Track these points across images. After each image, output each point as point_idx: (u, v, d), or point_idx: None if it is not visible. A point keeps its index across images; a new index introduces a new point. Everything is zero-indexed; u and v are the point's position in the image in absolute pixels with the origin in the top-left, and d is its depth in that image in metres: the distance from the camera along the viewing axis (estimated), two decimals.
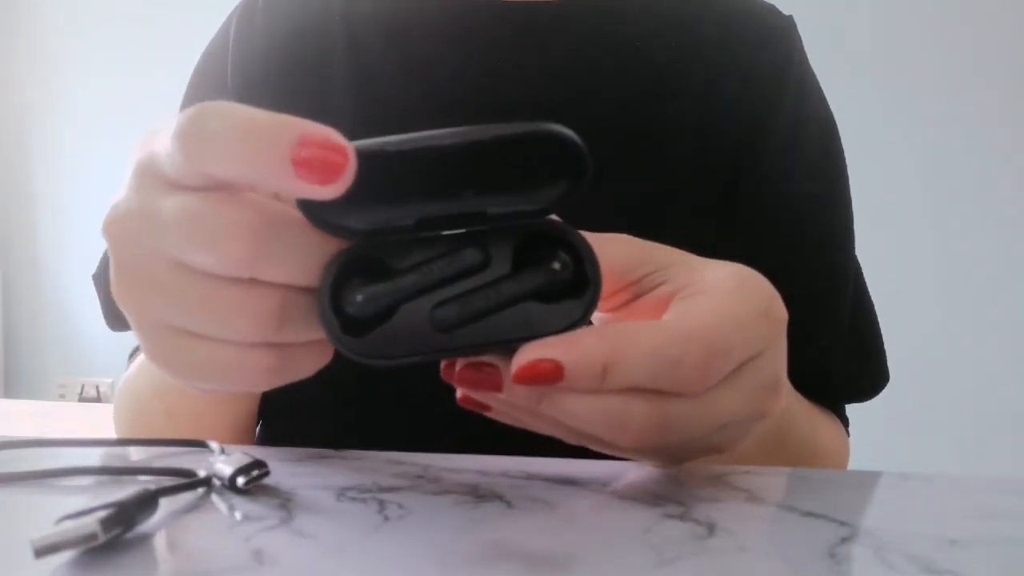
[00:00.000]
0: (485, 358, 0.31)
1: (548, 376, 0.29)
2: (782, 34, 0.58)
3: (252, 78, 0.57)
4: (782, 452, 0.48)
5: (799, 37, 0.59)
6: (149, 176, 0.29)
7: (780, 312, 0.33)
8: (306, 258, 0.28)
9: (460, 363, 0.31)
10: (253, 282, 0.28)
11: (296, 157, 0.25)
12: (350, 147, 0.26)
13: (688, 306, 0.31)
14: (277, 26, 0.58)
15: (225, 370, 0.30)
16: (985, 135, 1.93)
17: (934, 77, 1.94)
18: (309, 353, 0.31)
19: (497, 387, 0.30)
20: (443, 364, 0.32)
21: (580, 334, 0.30)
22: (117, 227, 0.30)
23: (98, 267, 0.62)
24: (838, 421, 0.58)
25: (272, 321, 0.28)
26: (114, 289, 0.30)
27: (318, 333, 0.30)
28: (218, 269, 0.28)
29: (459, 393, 0.34)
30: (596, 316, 0.35)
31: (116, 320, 0.60)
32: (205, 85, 0.59)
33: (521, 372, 0.29)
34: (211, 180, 0.28)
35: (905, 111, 1.95)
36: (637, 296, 0.34)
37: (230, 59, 0.58)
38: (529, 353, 0.29)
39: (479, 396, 0.32)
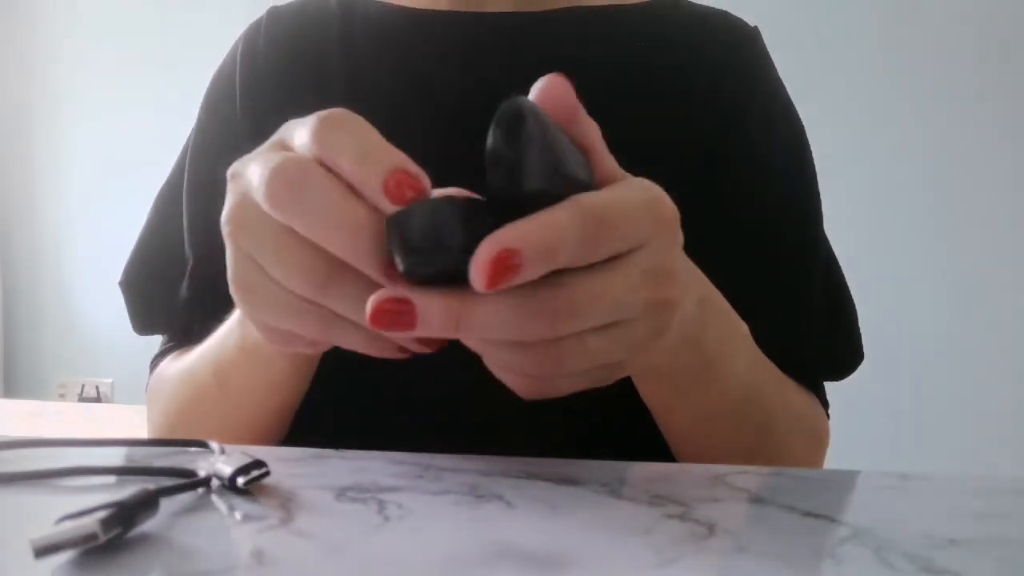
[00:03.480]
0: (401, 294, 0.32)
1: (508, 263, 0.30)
2: (749, 40, 0.62)
3: (257, 94, 0.60)
4: (745, 416, 0.50)
5: (764, 45, 0.62)
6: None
7: (666, 210, 0.35)
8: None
9: (374, 306, 0.31)
10: (315, 248, 0.33)
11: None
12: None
13: (589, 193, 0.33)
14: (279, 46, 0.61)
15: (278, 308, 0.35)
16: (986, 133, 1.93)
17: (927, 72, 1.94)
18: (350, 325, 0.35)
19: (412, 325, 0.31)
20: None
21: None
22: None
23: (124, 275, 0.64)
24: (813, 395, 0.60)
25: (318, 281, 0.33)
26: (228, 227, 0.35)
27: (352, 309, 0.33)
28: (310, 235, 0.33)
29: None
30: None
31: (142, 325, 0.64)
32: (216, 105, 0.62)
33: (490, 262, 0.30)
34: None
35: (895, 107, 1.96)
36: None
37: (237, 79, 0.61)
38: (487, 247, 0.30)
39: (396, 336, 0.34)
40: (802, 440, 0.55)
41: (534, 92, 0.34)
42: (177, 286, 0.60)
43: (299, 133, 0.34)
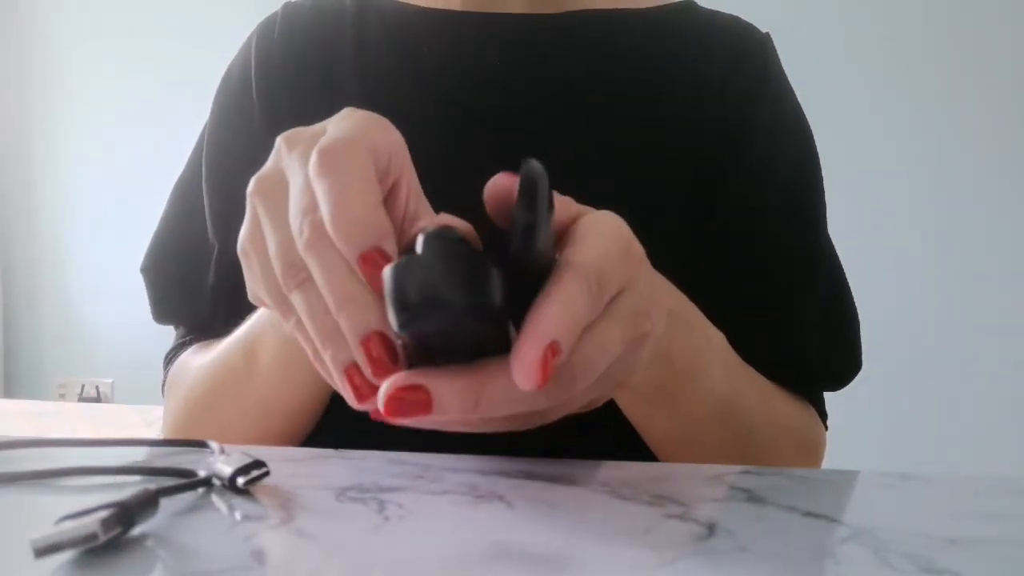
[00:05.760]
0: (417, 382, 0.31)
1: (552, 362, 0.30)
2: (759, 46, 0.62)
3: (272, 88, 0.60)
4: (731, 421, 0.50)
5: (775, 50, 0.63)
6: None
7: (637, 251, 0.36)
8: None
9: (388, 395, 0.31)
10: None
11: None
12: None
13: (575, 249, 0.34)
14: (294, 41, 0.62)
15: (267, 283, 0.36)
16: (985, 133, 1.93)
17: (931, 77, 1.94)
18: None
19: (429, 411, 0.31)
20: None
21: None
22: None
23: (145, 261, 0.64)
24: (807, 405, 0.60)
25: (297, 280, 0.34)
26: (254, 187, 0.37)
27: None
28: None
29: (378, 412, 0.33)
30: None
31: (162, 313, 0.64)
32: (231, 98, 0.63)
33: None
34: None
35: (902, 113, 1.96)
36: None
37: (253, 74, 0.61)
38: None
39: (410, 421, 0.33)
40: (790, 450, 0.55)
41: (484, 195, 0.35)
42: (199, 274, 0.61)
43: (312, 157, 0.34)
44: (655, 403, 0.48)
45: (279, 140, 0.37)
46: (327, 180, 0.32)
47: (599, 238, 0.34)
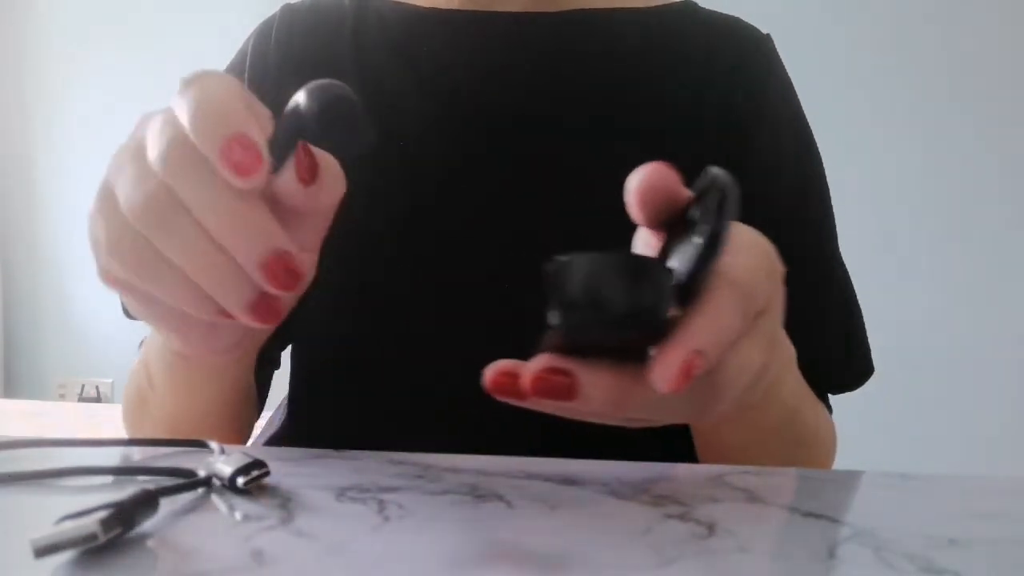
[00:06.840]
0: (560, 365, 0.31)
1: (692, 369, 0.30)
2: (760, 46, 0.62)
3: (268, 91, 0.60)
4: (791, 431, 0.49)
5: (776, 51, 0.62)
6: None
7: (779, 272, 0.35)
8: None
9: (535, 374, 0.31)
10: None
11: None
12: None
13: (730, 261, 0.33)
14: (291, 43, 0.61)
15: (116, 237, 0.33)
16: (986, 134, 1.93)
17: (932, 78, 1.94)
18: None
19: (572, 398, 0.30)
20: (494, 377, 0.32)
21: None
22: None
23: None
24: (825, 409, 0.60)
25: (159, 210, 0.32)
26: (112, 161, 0.34)
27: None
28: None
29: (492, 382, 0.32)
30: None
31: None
32: None
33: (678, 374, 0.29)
34: None
35: (902, 113, 1.96)
36: None
37: (246, 77, 0.61)
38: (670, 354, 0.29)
39: (552, 406, 0.32)
40: (825, 455, 0.55)
41: (637, 181, 0.33)
42: None
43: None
44: (731, 417, 0.47)
45: (138, 118, 0.35)
46: (190, 89, 0.31)
47: (750, 252, 0.33)
